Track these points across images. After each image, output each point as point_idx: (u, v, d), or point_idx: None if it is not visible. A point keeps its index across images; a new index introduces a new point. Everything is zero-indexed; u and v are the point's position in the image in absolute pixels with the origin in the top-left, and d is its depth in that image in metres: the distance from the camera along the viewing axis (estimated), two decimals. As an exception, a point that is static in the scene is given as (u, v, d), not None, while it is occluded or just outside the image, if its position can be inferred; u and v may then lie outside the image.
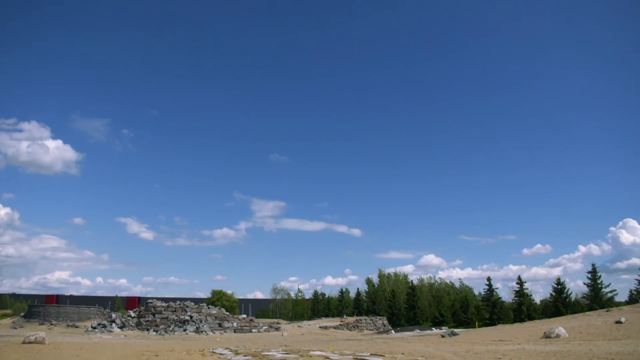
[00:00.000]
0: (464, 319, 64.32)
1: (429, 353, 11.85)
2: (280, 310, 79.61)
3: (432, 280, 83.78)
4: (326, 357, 10.95)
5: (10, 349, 12.55)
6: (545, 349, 11.85)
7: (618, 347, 11.09)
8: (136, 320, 33.32)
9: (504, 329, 23.49)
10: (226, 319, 35.17)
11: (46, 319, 41.26)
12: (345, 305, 78.35)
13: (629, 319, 17.98)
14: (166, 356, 11.75)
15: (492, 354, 10.96)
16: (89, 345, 15.93)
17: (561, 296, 57.55)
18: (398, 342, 17.12)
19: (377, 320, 48.93)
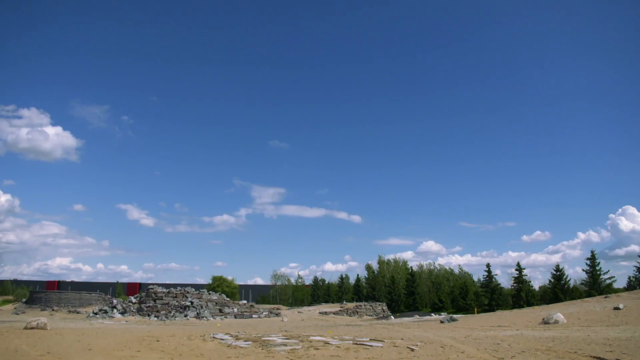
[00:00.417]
0: (463, 305, 64.77)
1: (428, 338, 11.93)
2: (281, 296, 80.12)
3: (432, 267, 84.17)
4: (326, 342, 11.02)
5: (13, 334, 12.65)
6: (544, 334, 11.93)
7: (616, 333, 11.16)
8: (137, 306, 33.54)
9: (502, 315, 23.65)
10: (227, 305, 35.39)
11: (48, 305, 41.52)
12: (345, 291, 78.85)
13: (627, 305, 18.09)
14: (167, 341, 11.84)
15: (491, 340, 11.03)
16: (90, 330, 16.04)
17: (560, 283, 57.89)
18: (397, 328, 17.24)
19: (376, 306, 49.25)
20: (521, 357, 8.06)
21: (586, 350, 8.56)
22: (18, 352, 8.75)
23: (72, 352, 9.15)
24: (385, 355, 8.79)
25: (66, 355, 8.53)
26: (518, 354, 8.49)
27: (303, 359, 8.38)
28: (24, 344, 10.30)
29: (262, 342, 11.22)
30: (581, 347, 9.03)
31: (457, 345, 10.10)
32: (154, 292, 34.45)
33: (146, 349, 10.01)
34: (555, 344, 9.61)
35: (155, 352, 9.48)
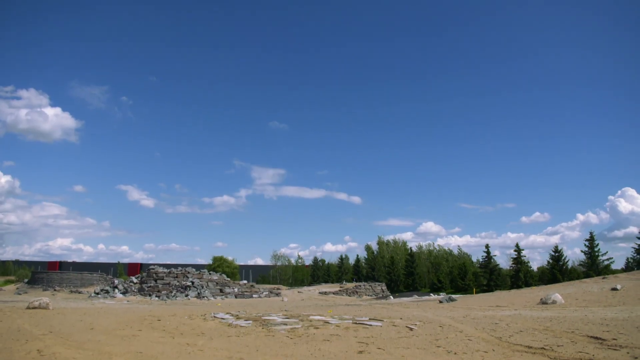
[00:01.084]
0: (462, 286, 65.29)
1: (427, 318, 12.04)
2: (281, 276, 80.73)
3: (431, 247, 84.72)
4: (326, 322, 11.12)
5: (15, 314, 12.75)
6: (542, 314, 12.03)
7: (613, 313, 11.25)
8: (138, 286, 33.79)
9: (501, 295, 23.83)
10: (227, 285, 35.65)
11: (49, 285, 41.86)
12: (344, 272, 79.41)
13: (624, 286, 18.21)
14: (168, 320, 11.94)
15: (489, 320, 11.13)
16: (92, 310, 16.18)
17: (558, 263, 58.24)
18: (396, 308, 17.39)
19: (376, 286, 49.61)
20: (519, 336, 8.14)
21: (583, 330, 8.63)
22: (21, 332, 8.83)
23: (75, 331, 9.24)
24: (384, 334, 8.87)
25: (68, 335, 8.61)
26: (516, 333, 8.57)
27: (303, 338, 8.46)
28: (26, 323, 10.39)
29: (262, 322, 11.32)
30: (578, 327, 9.11)
31: (455, 325, 10.19)
32: (155, 272, 34.67)
33: (148, 328, 10.11)
34: (553, 324, 9.70)
35: (156, 331, 9.57)
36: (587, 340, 7.39)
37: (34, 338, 7.95)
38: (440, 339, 8.07)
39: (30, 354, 6.37)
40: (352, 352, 6.89)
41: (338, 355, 6.51)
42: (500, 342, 7.53)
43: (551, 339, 7.66)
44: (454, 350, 6.82)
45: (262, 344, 7.76)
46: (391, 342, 7.79)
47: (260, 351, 6.94)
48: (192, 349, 7.08)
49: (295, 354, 6.73)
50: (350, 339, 8.24)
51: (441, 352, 6.69)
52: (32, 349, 6.78)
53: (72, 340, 7.90)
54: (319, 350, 7.02)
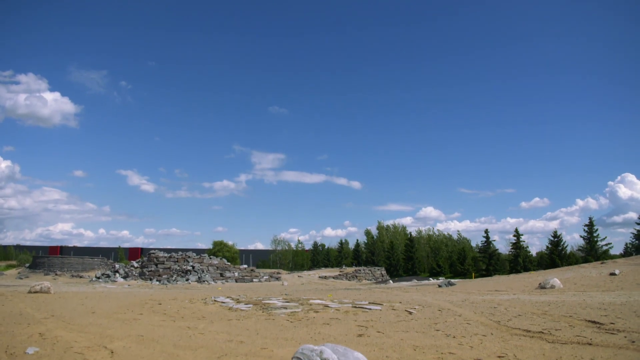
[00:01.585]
0: (461, 270, 65.71)
1: (426, 302, 12.11)
2: (281, 261, 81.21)
3: (431, 232, 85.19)
4: (326, 306, 11.19)
5: (17, 298, 12.83)
6: (540, 299, 12.10)
7: (611, 298, 11.32)
8: (139, 270, 33.99)
9: (499, 279, 23.97)
10: (227, 269, 35.86)
11: (51, 270, 42.09)
12: (344, 256, 79.87)
13: (623, 271, 18.30)
14: (169, 304, 12.02)
15: (488, 304, 11.20)
16: (93, 294, 16.28)
17: (557, 248, 58.54)
18: (396, 292, 17.50)
19: (375, 271, 49.92)
20: (517, 320, 8.19)
21: (581, 314, 8.69)
22: (22, 315, 8.89)
23: (76, 315, 9.30)
24: (383, 318, 8.93)
25: (70, 318, 8.67)
26: (514, 317, 8.63)
27: (303, 321, 8.52)
28: (28, 307, 10.46)
29: (262, 305, 11.39)
30: (577, 311, 9.16)
31: (454, 309, 10.26)
32: (156, 256, 34.84)
33: (149, 312, 10.17)
34: (551, 308, 9.76)
35: (157, 315, 9.63)
36: (585, 325, 7.45)
37: (35, 322, 8.00)
38: (439, 323, 8.13)
39: (32, 337, 6.42)
40: (351, 335, 6.94)
41: (338, 339, 6.56)
42: (499, 326, 7.59)
43: (549, 323, 7.71)
44: (452, 334, 6.87)
45: (263, 327, 7.82)
46: (390, 326, 7.84)
47: (261, 334, 7.00)
48: (193, 332, 7.13)
49: (295, 337, 6.78)
50: (350, 323, 8.30)
51: (440, 336, 6.74)
52: (34, 332, 6.83)
53: (73, 323, 7.95)
54: (318, 334, 7.07)
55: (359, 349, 5.56)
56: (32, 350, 5.49)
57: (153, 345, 6.00)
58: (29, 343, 5.97)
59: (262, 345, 6.08)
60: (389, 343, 6.19)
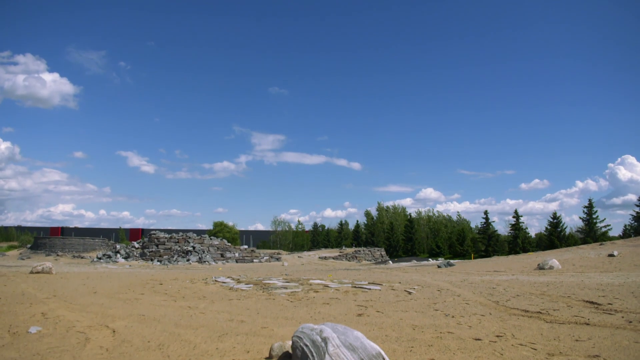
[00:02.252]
0: (460, 251, 66.11)
1: (425, 282, 12.20)
2: (281, 242, 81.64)
3: (430, 214, 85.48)
4: (326, 286, 11.27)
5: (19, 278, 12.92)
6: (539, 279, 12.18)
7: (609, 279, 11.38)
8: (140, 251, 34.18)
9: (498, 260, 24.10)
10: (228, 250, 36.07)
11: (52, 251, 42.29)
12: (344, 237, 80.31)
13: (621, 252, 18.38)
14: (170, 284, 12.11)
15: (487, 284, 11.27)
16: (95, 274, 16.39)
17: (556, 230, 58.80)
18: (395, 272, 17.61)
19: (375, 251, 50.20)
20: (516, 300, 8.26)
21: (579, 295, 8.75)
22: (25, 295, 8.95)
23: (78, 294, 9.37)
24: (383, 297, 9.00)
25: (72, 298, 8.73)
26: (513, 297, 8.69)
27: (303, 301, 8.58)
28: (30, 287, 10.54)
29: (263, 285, 11.47)
30: (575, 292, 9.23)
31: (453, 289, 10.33)
32: (157, 237, 35.01)
33: (150, 292, 10.25)
34: (550, 289, 9.83)
35: (158, 295, 9.71)
36: (583, 305, 7.50)
37: (38, 302, 8.06)
38: (438, 303, 8.19)
39: (35, 317, 6.47)
40: (351, 314, 7.00)
41: (338, 318, 6.62)
42: (497, 306, 7.65)
43: (547, 304, 7.77)
44: (451, 314, 6.92)
45: (263, 307, 7.88)
46: (390, 306, 7.90)
47: (261, 314, 7.05)
48: (194, 312, 7.19)
49: (296, 316, 6.84)
50: (350, 302, 8.37)
51: (439, 315, 6.80)
52: (37, 312, 6.89)
53: (75, 303, 8.02)
54: (318, 313, 7.13)
55: (358, 328, 5.61)
56: (35, 329, 5.54)
57: (154, 324, 6.05)
58: (32, 322, 6.02)
59: (262, 324, 6.14)
60: (388, 322, 6.25)
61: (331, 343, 3.77)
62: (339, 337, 3.86)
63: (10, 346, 4.78)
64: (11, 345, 4.83)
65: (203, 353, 4.52)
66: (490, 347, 4.74)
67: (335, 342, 3.80)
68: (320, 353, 3.71)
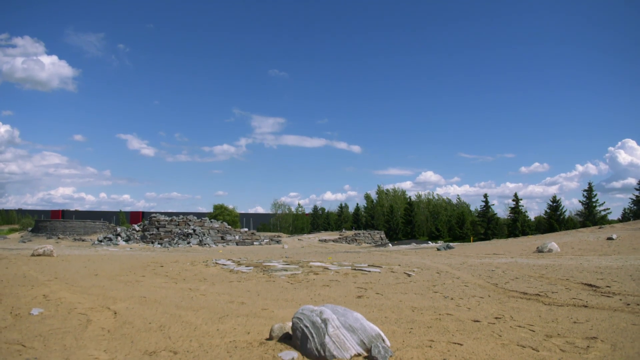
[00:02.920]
0: (460, 234, 66.40)
1: (425, 265, 12.27)
2: (281, 225, 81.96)
3: (430, 197, 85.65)
4: (325, 268, 11.33)
5: (21, 261, 12.98)
6: (537, 262, 12.25)
7: (608, 262, 11.45)
8: (141, 233, 34.31)
9: (498, 243, 24.22)
10: (228, 232, 36.21)
11: (53, 233, 42.45)
12: (344, 220, 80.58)
13: (620, 236, 18.46)
14: (171, 267, 12.17)
15: (486, 266, 11.34)
16: (96, 257, 16.47)
17: (555, 213, 58.97)
18: (395, 255, 17.71)
19: (375, 234, 50.41)
20: (515, 283, 8.31)
21: (578, 277, 8.80)
22: (26, 278, 9.00)
23: (79, 277, 9.42)
24: (382, 280, 9.05)
25: (73, 280, 8.78)
26: (512, 280, 8.74)
27: (303, 283, 8.64)
28: (31, 270, 10.59)
29: (263, 268, 11.53)
30: (573, 274, 9.28)
31: (452, 272, 10.39)
32: (157, 220, 35.12)
33: (151, 274, 10.31)
34: (548, 272, 9.88)
35: (159, 277, 9.76)
36: (582, 288, 7.55)
37: (39, 284, 8.11)
38: (437, 285, 8.24)
39: (37, 299, 6.51)
40: (351, 297, 7.04)
41: (337, 300, 6.66)
42: (496, 289, 7.69)
43: (546, 286, 7.82)
44: (450, 296, 6.97)
45: (263, 289, 7.93)
46: (389, 288, 7.96)
47: (261, 296, 7.10)
48: (195, 294, 7.24)
49: (296, 298, 6.88)
50: (350, 285, 8.42)
51: (438, 298, 6.84)
52: (38, 294, 6.93)
53: (77, 285, 8.06)
54: (318, 295, 7.17)
55: (358, 309, 5.65)
56: (37, 311, 5.58)
57: (155, 306, 6.10)
58: (34, 304, 6.06)
59: (262, 306, 6.18)
60: (387, 304, 6.29)
61: (331, 324, 3.80)
62: (339, 319, 3.89)
63: (12, 328, 4.81)
64: (13, 326, 4.87)
65: (204, 334, 4.56)
66: (489, 328, 4.78)
67: (335, 324, 3.82)
68: (320, 334, 3.74)
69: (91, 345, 4.16)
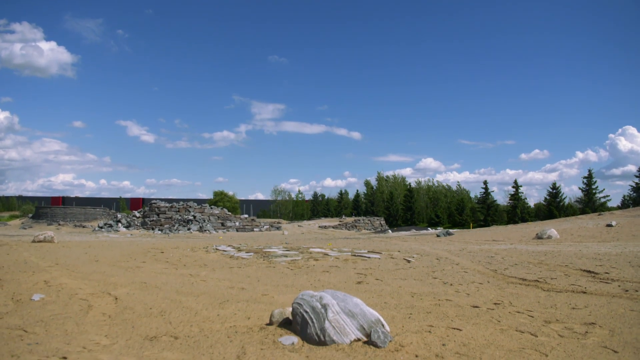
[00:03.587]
0: (459, 221, 66.53)
1: (424, 251, 12.31)
2: (281, 211, 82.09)
3: (430, 183, 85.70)
4: (325, 254, 11.37)
5: (22, 247, 13.02)
6: (537, 249, 12.28)
7: (607, 249, 11.48)
8: (141, 220, 34.39)
9: (497, 230, 24.28)
10: (228, 219, 36.28)
11: (54, 220, 42.48)
12: (344, 207, 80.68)
13: (619, 223, 18.51)
14: (171, 253, 12.21)
15: (485, 253, 11.37)
16: (96, 243, 16.52)
17: (555, 200, 59.02)
18: (395, 241, 17.76)
19: (374, 221, 50.48)
20: (514, 269, 8.34)
21: (577, 264, 8.83)
22: (27, 264, 9.03)
23: (80, 263, 9.46)
24: (382, 266, 9.09)
25: (74, 266, 8.82)
26: (511, 266, 8.77)
27: (303, 269, 8.67)
28: (32, 256, 10.62)
29: (263, 254, 11.58)
30: (572, 261, 9.31)
31: (452, 258, 10.43)
32: (157, 206, 35.16)
33: (151, 260, 10.35)
34: (548, 258, 9.92)
35: (160, 263, 9.80)
36: (580, 274, 7.58)
37: (40, 270, 8.14)
38: (436, 271, 8.27)
39: (38, 284, 6.54)
40: (351, 282, 7.07)
41: (337, 286, 6.69)
42: (495, 275, 7.73)
43: (545, 272, 7.85)
44: (449, 282, 7.00)
45: (263, 274, 7.96)
46: (389, 274, 7.99)
47: (262, 282, 7.13)
48: (195, 280, 7.27)
49: (296, 284, 6.91)
50: (349, 271, 8.46)
51: (437, 283, 6.87)
52: (39, 280, 6.96)
53: (77, 271, 8.09)
54: (318, 281, 7.21)
55: (358, 295, 5.68)
56: (38, 297, 5.60)
57: (156, 291, 6.12)
58: (35, 290, 6.09)
59: (263, 291, 6.21)
60: (387, 290, 6.32)
61: (331, 309, 3.82)
62: (339, 304, 3.90)
63: (14, 313, 4.84)
64: (15, 312, 4.89)
65: (204, 319, 4.58)
66: (487, 314, 4.80)
67: (335, 309, 3.84)
68: (320, 319, 3.76)
69: (92, 331, 4.19)
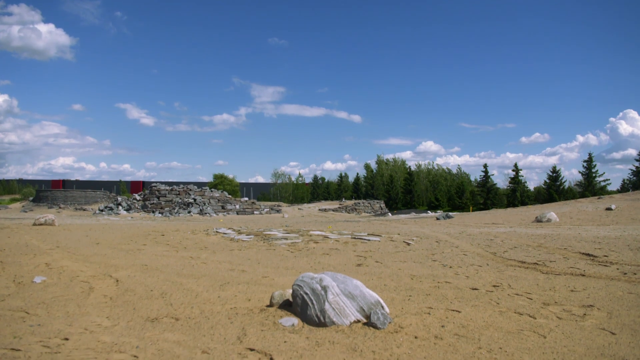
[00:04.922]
0: (459, 204, 66.63)
1: (424, 234, 12.35)
2: (281, 194, 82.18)
3: (430, 166, 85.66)
4: (325, 237, 11.41)
5: (22, 230, 13.06)
6: (536, 232, 12.32)
7: (606, 232, 11.51)
8: (141, 203, 34.44)
9: (497, 213, 24.33)
10: (229, 202, 36.34)
11: (54, 203, 42.54)
12: (344, 190, 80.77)
13: (619, 206, 18.54)
14: (172, 235, 12.26)
15: (485, 236, 11.41)
16: (97, 226, 16.57)
17: (555, 184, 59.02)
18: (394, 224, 17.81)
19: (374, 204, 50.59)
20: (513, 252, 8.37)
21: (576, 247, 8.86)
22: (29, 247, 9.07)
23: (81, 246, 9.49)
24: (382, 248, 9.13)
25: (75, 249, 8.85)
26: (510, 249, 8.81)
27: (303, 252, 8.71)
28: (33, 239, 10.66)
29: (263, 236, 11.61)
30: (571, 244, 9.35)
31: (451, 241, 10.46)
32: (158, 189, 35.19)
33: (152, 243, 10.39)
34: (547, 241, 9.95)
35: (160, 246, 9.84)
36: (579, 257, 7.61)
37: (41, 252, 8.17)
38: (436, 254, 8.31)
39: (39, 267, 6.57)
40: (350, 265, 7.11)
41: (337, 268, 6.73)
42: (495, 257, 7.76)
43: (544, 255, 7.88)
44: (449, 264, 7.03)
45: (263, 257, 8.00)
46: (389, 256, 8.02)
47: (262, 264, 7.17)
48: (196, 262, 7.30)
49: (296, 266, 6.95)
50: (349, 253, 8.49)
51: (437, 266, 6.90)
52: (41, 262, 6.99)
53: (78, 254, 8.13)
54: (318, 263, 7.24)
55: (358, 277, 5.71)
56: (40, 279, 5.63)
57: (157, 274, 6.16)
58: (36, 272, 6.12)
59: (263, 274, 6.24)
60: (387, 272, 6.35)
61: (331, 291, 3.84)
62: (339, 286, 3.92)
63: (16, 295, 4.87)
64: (17, 294, 4.92)
65: (205, 301, 4.61)
66: (487, 296, 4.83)
67: (335, 291, 3.86)
68: (320, 301, 3.78)
69: (94, 312, 4.22)
